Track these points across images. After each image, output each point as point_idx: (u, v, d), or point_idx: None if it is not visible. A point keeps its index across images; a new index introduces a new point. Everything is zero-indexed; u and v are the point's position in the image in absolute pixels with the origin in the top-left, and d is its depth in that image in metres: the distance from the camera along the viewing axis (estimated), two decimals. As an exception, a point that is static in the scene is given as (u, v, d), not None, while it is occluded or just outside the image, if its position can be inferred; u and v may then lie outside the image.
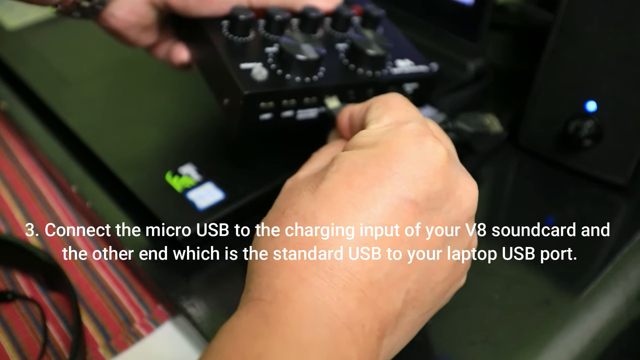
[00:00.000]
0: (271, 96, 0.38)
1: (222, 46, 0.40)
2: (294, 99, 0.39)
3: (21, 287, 0.43)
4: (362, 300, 0.27)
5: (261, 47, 0.41)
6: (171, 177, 0.45)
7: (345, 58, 0.42)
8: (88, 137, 0.49)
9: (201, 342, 0.38)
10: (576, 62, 0.45)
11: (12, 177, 0.52)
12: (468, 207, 0.30)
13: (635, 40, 0.42)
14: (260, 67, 0.39)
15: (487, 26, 0.53)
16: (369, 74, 0.42)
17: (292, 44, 0.40)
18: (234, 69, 0.39)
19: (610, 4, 0.42)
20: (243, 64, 0.39)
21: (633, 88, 0.43)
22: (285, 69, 0.39)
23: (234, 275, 0.41)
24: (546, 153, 0.49)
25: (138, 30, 0.43)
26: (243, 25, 0.41)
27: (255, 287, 0.28)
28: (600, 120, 0.45)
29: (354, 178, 0.29)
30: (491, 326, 0.38)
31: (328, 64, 0.41)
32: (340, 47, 0.44)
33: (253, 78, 0.38)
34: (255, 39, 0.42)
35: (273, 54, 0.41)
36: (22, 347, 0.40)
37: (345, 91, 0.41)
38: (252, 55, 0.40)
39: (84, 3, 0.39)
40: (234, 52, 0.40)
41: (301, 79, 0.39)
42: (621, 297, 0.40)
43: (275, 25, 0.42)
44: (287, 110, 0.40)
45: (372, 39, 0.42)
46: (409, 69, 0.44)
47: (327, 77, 0.41)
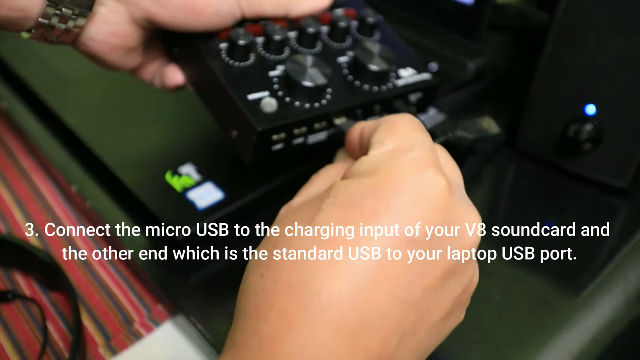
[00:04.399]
0: (283, 128, 0.37)
1: (224, 75, 0.38)
2: (305, 127, 0.38)
3: (21, 287, 0.43)
4: (354, 345, 0.26)
5: (264, 71, 0.40)
6: (171, 177, 0.45)
7: (349, 74, 0.41)
8: (88, 136, 0.49)
9: (201, 342, 0.38)
10: (575, 66, 0.45)
11: (12, 176, 0.52)
12: (470, 242, 0.29)
13: (635, 43, 0.42)
14: (269, 97, 0.38)
15: (487, 26, 0.53)
16: (375, 89, 0.41)
17: (298, 70, 0.38)
18: (243, 102, 0.37)
19: (608, 7, 0.42)
20: (250, 94, 0.37)
21: (633, 91, 0.43)
22: (292, 96, 0.38)
23: (234, 275, 0.41)
24: (546, 156, 0.49)
25: (122, 53, 0.39)
26: (243, 50, 0.39)
27: (241, 331, 0.27)
28: (599, 124, 0.45)
29: (350, 213, 0.28)
30: (491, 326, 0.38)
31: (333, 82, 0.40)
32: (342, 60, 0.42)
33: (263, 110, 0.37)
34: (256, 62, 0.40)
35: (278, 79, 0.39)
36: (22, 347, 0.40)
37: (354, 111, 0.40)
38: (257, 83, 0.38)
39: (59, 26, 0.35)
40: (237, 80, 0.38)
41: (310, 105, 0.38)
42: (621, 297, 0.40)
43: (274, 45, 0.41)
44: (299, 138, 0.39)
45: (376, 53, 0.41)
46: (413, 79, 0.43)
47: (335, 100, 0.39)
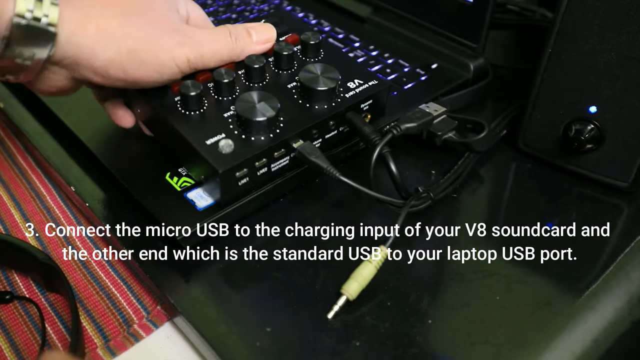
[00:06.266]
0: (244, 164, 0.40)
1: (182, 126, 0.41)
2: (264, 158, 0.41)
3: (19, 288, 0.43)
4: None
5: (219, 114, 0.42)
6: (171, 177, 0.45)
7: (299, 99, 0.44)
8: (86, 137, 0.49)
9: (201, 343, 0.38)
10: (576, 65, 0.44)
11: (10, 177, 0.51)
12: None
13: (636, 42, 0.41)
14: (225, 139, 0.40)
15: (488, 26, 0.53)
16: (325, 107, 0.43)
17: (248, 107, 0.41)
18: (202, 148, 0.40)
19: (609, 6, 0.42)
20: (208, 139, 0.40)
21: (634, 90, 0.43)
22: (247, 132, 0.41)
23: (234, 275, 0.41)
24: (546, 156, 0.49)
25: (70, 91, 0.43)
26: (195, 99, 0.42)
27: None
28: (601, 124, 0.45)
29: None
30: (492, 327, 0.38)
31: (285, 109, 0.42)
32: (290, 87, 0.45)
33: (222, 152, 0.39)
34: (209, 107, 0.43)
35: (232, 119, 0.42)
36: (20, 348, 0.39)
37: (309, 131, 0.43)
38: (213, 127, 0.41)
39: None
40: (194, 128, 0.41)
41: (266, 137, 0.41)
42: (623, 297, 0.40)
43: (224, 87, 0.43)
44: (261, 169, 0.41)
45: (319, 73, 0.44)
46: (360, 89, 0.45)
47: (289, 126, 0.42)
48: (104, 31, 0.38)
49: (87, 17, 0.38)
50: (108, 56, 0.38)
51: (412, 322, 0.38)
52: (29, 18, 0.35)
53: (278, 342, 0.37)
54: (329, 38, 0.62)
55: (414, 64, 0.58)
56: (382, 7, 0.63)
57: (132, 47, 0.39)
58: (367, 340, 0.37)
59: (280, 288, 0.40)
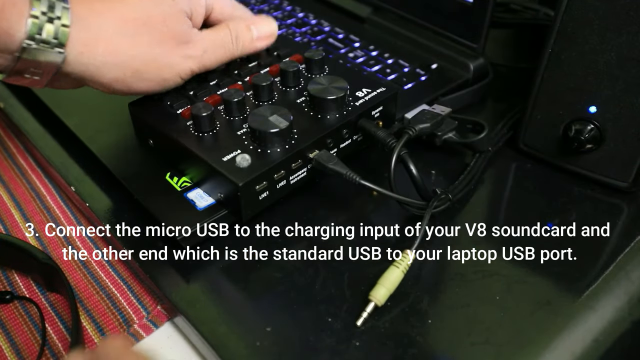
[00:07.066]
0: (263, 176, 0.40)
1: (196, 147, 0.42)
2: (282, 169, 0.41)
3: (19, 288, 0.43)
4: None
5: (231, 132, 0.43)
6: (171, 177, 0.45)
7: (310, 110, 0.44)
8: (86, 137, 0.49)
9: (201, 343, 0.38)
10: (576, 65, 0.44)
11: (10, 177, 0.51)
12: None
13: (636, 42, 0.41)
14: (241, 153, 0.40)
15: (487, 26, 0.53)
16: (336, 116, 0.44)
17: (261, 120, 0.41)
18: (220, 165, 0.40)
19: (610, 6, 0.41)
20: (224, 157, 0.40)
21: (634, 90, 0.43)
22: (263, 146, 0.41)
23: (234, 275, 0.41)
24: (546, 156, 0.49)
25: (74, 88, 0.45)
26: (208, 120, 0.42)
27: None
28: (601, 124, 0.45)
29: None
30: (492, 327, 0.38)
31: (297, 121, 0.43)
32: (300, 102, 0.45)
33: (240, 167, 0.40)
34: (222, 127, 0.43)
35: (246, 135, 0.42)
36: (21, 348, 0.39)
37: (324, 140, 0.43)
38: (228, 145, 0.42)
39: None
40: (209, 148, 0.42)
41: (282, 148, 0.41)
42: (623, 297, 0.40)
43: (235, 106, 0.43)
44: (281, 181, 0.41)
45: (327, 85, 0.44)
46: (369, 97, 0.46)
47: (303, 136, 0.42)
48: (112, 54, 0.39)
49: (96, 39, 0.39)
50: (113, 76, 0.40)
51: (412, 322, 0.38)
52: (39, 40, 0.36)
53: (278, 342, 0.37)
54: (329, 38, 0.62)
55: (414, 64, 0.58)
56: (382, 7, 0.63)
57: (138, 68, 0.40)
58: (367, 340, 0.37)
59: (280, 288, 0.40)
